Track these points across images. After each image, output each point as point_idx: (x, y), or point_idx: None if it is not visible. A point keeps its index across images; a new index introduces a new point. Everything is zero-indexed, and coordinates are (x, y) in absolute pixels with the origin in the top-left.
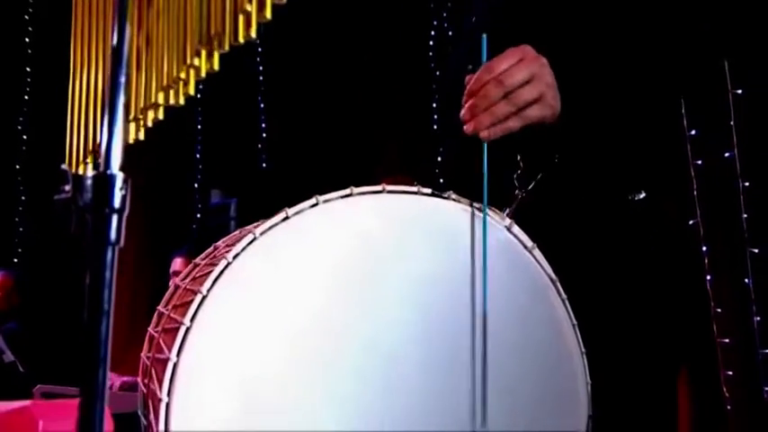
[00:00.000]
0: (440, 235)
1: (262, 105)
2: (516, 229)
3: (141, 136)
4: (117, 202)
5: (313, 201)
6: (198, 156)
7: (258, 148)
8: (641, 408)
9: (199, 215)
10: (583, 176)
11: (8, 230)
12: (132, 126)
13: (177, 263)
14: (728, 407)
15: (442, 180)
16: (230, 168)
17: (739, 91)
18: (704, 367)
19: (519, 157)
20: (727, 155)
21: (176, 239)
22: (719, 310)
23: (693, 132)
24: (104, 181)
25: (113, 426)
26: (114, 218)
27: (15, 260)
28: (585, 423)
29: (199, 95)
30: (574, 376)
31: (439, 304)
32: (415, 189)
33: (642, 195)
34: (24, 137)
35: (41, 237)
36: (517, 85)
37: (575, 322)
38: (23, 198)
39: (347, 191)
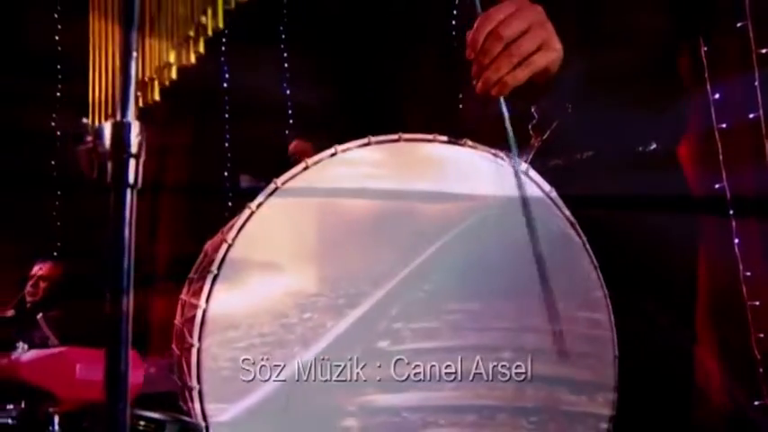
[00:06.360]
0: (459, 180)
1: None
2: (533, 173)
3: (157, 96)
4: (134, 148)
5: (332, 150)
6: (226, 144)
7: (286, 134)
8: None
9: (230, 203)
10: (595, 127)
11: (47, 224)
12: (149, 86)
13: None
14: (761, 369)
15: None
16: (258, 152)
17: (764, 50)
18: (735, 331)
19: (533, 108)
20: (751, 116)
21: (211, 228)
22: (749, 273)
23: (717, 96)
24: (121, 128)
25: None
26: (131, 162)
27: (55, 253)
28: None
29: (225, 84)
30: (599, 308)
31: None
32: (430, 137)
33: (653, 146)
34: (58, 132)
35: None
36: (515, 35)
37: (596, 264)
38: (59, 192)
39: (365, 140)
